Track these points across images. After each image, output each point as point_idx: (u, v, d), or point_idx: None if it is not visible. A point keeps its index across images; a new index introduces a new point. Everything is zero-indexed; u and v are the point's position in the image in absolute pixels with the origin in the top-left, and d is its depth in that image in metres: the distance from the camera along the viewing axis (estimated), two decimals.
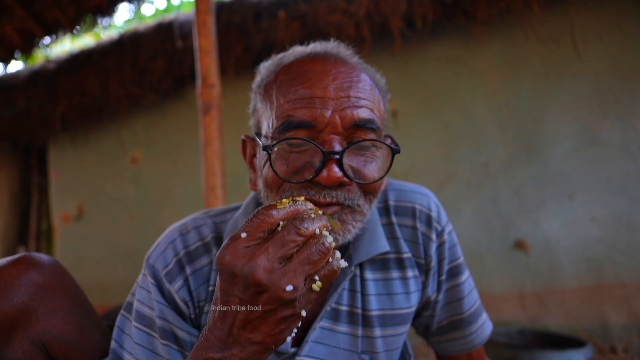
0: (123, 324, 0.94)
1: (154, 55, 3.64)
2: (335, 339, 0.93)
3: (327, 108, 0.79)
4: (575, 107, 2.90)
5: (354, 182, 0.81)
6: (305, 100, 0.80)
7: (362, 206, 0.84)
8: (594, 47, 2.87)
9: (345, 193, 0.80)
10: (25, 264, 0.91)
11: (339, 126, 0.79)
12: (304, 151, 0.81)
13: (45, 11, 3.78)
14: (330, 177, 0.76)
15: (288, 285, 0.60)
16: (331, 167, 0.76)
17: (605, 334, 2.70)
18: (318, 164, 0.78)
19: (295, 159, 0.81)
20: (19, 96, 4.22)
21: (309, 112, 0.79)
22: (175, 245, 0.94)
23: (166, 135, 4.05)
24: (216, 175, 2.14)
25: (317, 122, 0.78)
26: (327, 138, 0.78)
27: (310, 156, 0.80)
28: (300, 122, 0.79)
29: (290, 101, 0.81)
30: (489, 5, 2.81)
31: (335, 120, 0.79)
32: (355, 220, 0.84)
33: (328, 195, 0.79)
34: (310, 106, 0.79)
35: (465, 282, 1.05)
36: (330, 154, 0.76)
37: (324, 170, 0.76)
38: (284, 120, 0.80)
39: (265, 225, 0.63)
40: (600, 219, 2.80)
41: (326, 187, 0.79)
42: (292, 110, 0.80)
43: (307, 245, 0.62)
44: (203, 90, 2.19)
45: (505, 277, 2.96)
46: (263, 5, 3.24)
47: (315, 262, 0.62)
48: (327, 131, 0.79)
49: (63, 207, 4.47)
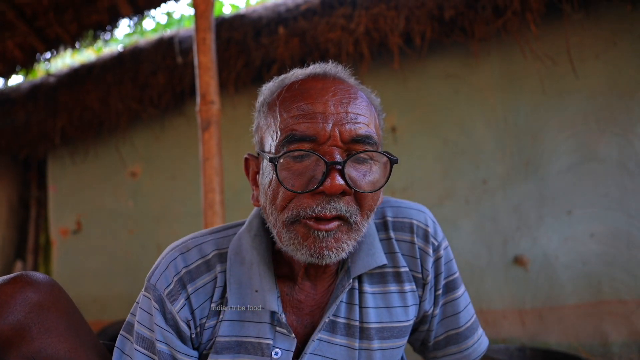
0: (123, 345, 0.95)
1: (154, 70, 3.67)
2: (332, 351, 0.95)
3: (327, 122, 0.83)
4: (572, 124, 2.92)
5: (351, 195, 0.84)
6: (308, 115, 0.83)
7: (360, 223, 0.87)
8: (591, 64, 2.91)
9: (346, 205, 0.83)
10: (22, 282, 0.92)
11: (339, 139, 0.83)
12: (306, 166, 0.84)
13: (47, 27, 3.84)
14: (333, 186, 0.79)
15: None
16: (334, 176, 0.79)
17: (606, 351, 2.68)
18: (321, 176, 0.80)
19: (299, 172, 0.84)
20: (19, 110, 4.24)
21: (312, 127, 0.82)
22: (176, 264, 0.95)
23: (166, 150, 4.06)
24: (215, 191, 2.14)
25: (319, 136, 0.82)
26: (328, 150, 0.82)
27: (312, 170, 0.83)
28: (303, 135, 0.82)
29: (293, 116, 0.84)
30: (486, 23, 2.85)
31: (336, 133, 0.83)
32: (350, 239, 0.86)
33: (333, 209, 0.81)
34: (312, 121, 0.83)
35: (461, 297, 1.08)
36: (333, 164, 0.80)
37: (328, 180, 0.79)
38: (288, 134, 0.83)
39: None
40: (599, 235, 2.80)
41: (330, 198, 0.81)
42: (296, 124, 0.83)
43: None
44: (202, 107, 2.21)
45: (505, 293, 2.95)
46: (263, 22, 3.28)
47: None
48: (328, 144, 0.82)
49: (61, 221, 4.45)
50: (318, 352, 0.94)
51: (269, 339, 0.92)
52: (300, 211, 0.82)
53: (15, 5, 3.69)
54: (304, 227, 0.83)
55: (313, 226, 0.82)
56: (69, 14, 3.72)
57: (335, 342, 0.95)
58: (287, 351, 0.92)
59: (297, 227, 0.84)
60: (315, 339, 0.94)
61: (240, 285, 0.95)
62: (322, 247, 0.82)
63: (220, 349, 0.92)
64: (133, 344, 0.93)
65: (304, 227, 0.83)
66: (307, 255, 0.83)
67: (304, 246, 0.83)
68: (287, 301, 0.97)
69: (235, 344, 0.93)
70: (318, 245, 0.82)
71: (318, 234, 0.82)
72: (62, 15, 3.74)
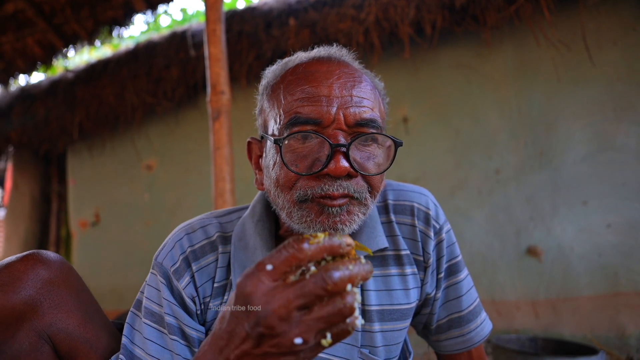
0: (133, 321, 0.98)
1: (168, 64, 3.73)
2: None
3: (332, 105, 0.83)
4: (588, 113, 2.86)
5: (359, 175, 0.85)
6: (312, 98, 0.84)
7: (368, 199, 0.87)
8: (608, 51, 2.84)
9: (354, 185, 0.83)
10: (33, 260, 0.95)
11: (343, 123, 0.83)
12: (311, 147, 0.84)
13: (64, 24, 3.93)
14: (338, 168, 0.79)
15: (298, 337, 0.57)
16: (339, 159, 0.79)
17: (622, 344, 2.63)
18: (325, 158, 0.81)
19: (303, 154, 0.84)
20: (39, 106, 4.35)
21: (316, 110, 0.83)
22: (182, 244, 0.98)
23: (180, 143, 4.12)
24: (225, 180, 2.17)
25: (323, 119, 0.82)
26: (333, 133, 0.82)
27: (317, 152, 0.83)
28: (308, 118, 0.83)
29: (297, 99, 0.85)
30: (498, 10, 2.80)
31: (340, 117, 0.83)
32: (360, 212, 0.87)
33: (340, 187, 0.81)
34: (316, 104, 0.83)
35: (464, 280, 1.07)
36: (338, 146, 0.80)
37: (332, 162, 0.79)
38: (292, 116, 0.84)
39: (293, 261, 0.58)
40: (616, 225, 2.74)
41: (336, 179, 0.82)
42: (300, 107, 0.84)
43: (331, 301, 0.57)
44: (213, 97, 2.23)
45: (518, 284, 2.91)
46: (273, 14, 3.30)
47: (334, 321, 0.58)
48: (332, 127, 0.83)
49: (81, 214, 4.57)
50: None
51: None
52: (308, 190, 0.83)
53: (34, 3, 3.79)
54: (317, 205, 0.83)
55: (327, 203, 0.82)
56: (86, 11, 3.81)
57: None
58: None
59: (309, 205, 0.84)
60: None
61: (244, 270, 0.97)
62: (335, 222, 0.83)
63: None
64: (142, 319, 0.96)
65: (317, 205, 0.83)
66: (321, 230, 0.83)
67: (317, 222, 0.83)
68: None
69: None
70: (332, 220, 0.83)
71: (332, 210, 0.82)
72: (79, 11, 3.84)
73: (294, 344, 0.57)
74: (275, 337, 0.58)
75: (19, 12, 3.88)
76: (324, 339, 0.59)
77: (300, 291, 0.57)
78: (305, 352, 0.60)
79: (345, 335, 0.60)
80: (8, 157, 5.11)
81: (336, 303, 0.57)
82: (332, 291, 0.57)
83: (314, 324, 0.57)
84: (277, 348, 0.58)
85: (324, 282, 0.57)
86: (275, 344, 0.58)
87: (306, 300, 0.57)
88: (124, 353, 0.94)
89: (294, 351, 0.59)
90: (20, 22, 3.97)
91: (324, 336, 0.59)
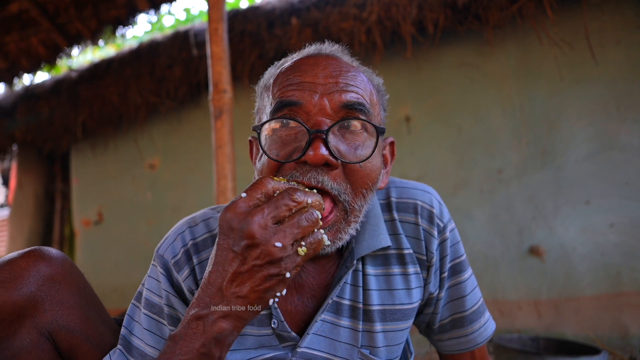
0: (133, 312, 0.98)
1: (170, 63, 3.74)
2: (336, 333, 0.94)
3: (315, 91, 0.83)
4: (591, 111, 2.85)
5: (340, 169, 0.82)
6: (296, 84, 0.84)
7: (352, 202, 0.84)
8: (611, 50, 2.82)
9: (332, 180, 0.81)
10: (35, 256, 0.95)
11: (327, 108, 0.82)
12: (294, 134, 0.83)
13: (68, 23, 3.94)
14: (316, 156, 0.77)
15: (277, 242, 0.68)
16: (317, 146, 0.77)
17: (625, 344, 2.62)
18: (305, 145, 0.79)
19: (286, 142, 0.84)
20: (43, 105, 4.38)
21: (298, 94, 0.83)
22: (183, 237, 0.98)
23: (183, 142, 4.14)
24: (227, 178, 2.18)
25: (305, 102, 0.82)
26: (316, 120, 0.81)
27: (299, 140, 0.83)
28: (290, 101, 0.83)
29: (283, 87, 0.86)
30: (500, 9, 2.80)
31: (324, 102, 0.82)
32: (348, 224, 0.85)
33: (313, 179, 0.80)
34: (299, 89, 0.83)
35: (467, 280, 1.05)
36: (316, 132, 0.78)
37: (310, 149, 0.77)
38: (276, 101, 0.84)
39: (263, 188, 0.72)
40: (619, 225, 2.73)
41: (313, 169, 0.80)
42: (283, 93, 0.85)
43: (299, 212, 0.71)
44: (215, 95, 2.24)
45: (520, 283, 2.91)
46: (276, 13, 3.30)
47: (304, 228, 0.70)
48: (315, 113, 0.81)
49: (84, 213, 4.59)
50: (321, 332, 0.94)
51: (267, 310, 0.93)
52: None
53: (38, 2, 3.81)
54: None
55: None
56: (89, 10, 3.83)
57: (341, 324, 0.95)
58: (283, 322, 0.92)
59: None
60: (319, 320, 0.93)
61: None
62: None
63: None
64: (142, 310, 0.96)
65: None
66: None
67: None
68: None
69: None
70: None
71: None
72: (83, 11, 3.85)
73: (274, 248, 0.68)
74: (257, 246, 0.68)
75: (23, 12, 3.90)
76: (300, 248, 0.71)
77: (271, 205, 0.70)
78: (286, 261, 0.70)
79: (318, 245, 0.73)
80: (12, 156, 5.14)
81: (303, 213, 0.71)
82: (297, 201, 0.71)
83: (288, 230, 0.69)
84: (261, 259, 0.69)
85: (289, 196, 0.71)
86: (258, 254, 0.69)
87: (278, 212, 0.70)
88: (122, 343, 0.94)
89: (276, 259, 0.69)
90: (24, 21, 3.99)
91: (300, 245, 0.71)
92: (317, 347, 0.93)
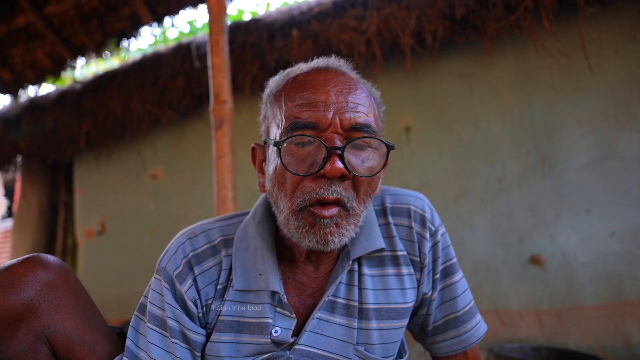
0: (137, 324, 1.02)
1: (173, 75, 3.79)
2: (331, 330, 0.99)
3: (329, 110, 0.88)
4: (590, 120, 2.86)
5: (349, 181, 0.90)
6: (311, 104, 0.89)
7: (356, 208, 0.92)
8: (609, 59, 2.85)
9: (344, 190, 0.88)
10: (33, 262, 0.98)
11: (339, 127, 0.88)
12: (309, 151, 0.89)
13: (73, 36, 4.01)
14: (333, 169, 0.84)
15: None
16: (334, 160, 0.84)
17: (628, 354, 2.59)
18: (321, 161, 0.86)
19: (302, 157, 0.89)
20: (48, 116, 4.43)
21: (314, 114, 0.88)
22: (184, 248, 1.02)
23: (185, 153, 4.17)
24: (227, 188, 2.19)
25: (320, 123, 0.87)
26: (329, 136, 0.87)
27: (314, 155, 0.88)
28: (306, 123, 0.88)
29: (297, 105, 0.90)
30: (498, 20, 2.83)
31: (336, 121, 0.88)
32: (349, 224, 0.91)
33: (334, 192, 0.87)
34: (314, 109, 0.88)
35: (459, 282, 1.10)
36: (333, 149, 0.85)
37: (328, 164, 0.84)
38: (292, 121, 0.89)
39: None
40: (620, 233, 2.72)
41: (331, 182, 0.87)
42: (299, 112, 0.89)
43: None
44: (215, 106, 2.27)
45: (521, 293, 2.89)
46: (277, 25, 3.35)
47: None
48: (329, 131, 0.88)
49: (87, 223, 4.61)
50: (317, 330, 0.99)
51: (269, 319, 0.97)
52: (305, 196, 0.87)
53: (44, 16, 3.89)
54: (311, 215, 0.88)
55: (318, 213, 0.87)
56: (94, 23, 3.90)
57: (334, 322, 0.99)
58: (287, 329, 0.97)
59: (304, 215, 0.89)
60: (315, 317, 0.98)
61: (245, 270, 1.01)
62: (326, 234, 0.88)
63: (223, 327, 0.98)
64: (146, 323, 0.99)
65: (311, 216, 0.88)
66: (314, 242, 0.89)
67: (310, 234, 0.89)
68: (289, 283, 1.03)
69: (237, 323, 0.98)
70: (322, 231, 0.88)
71: (322, 221, 0.88)
72: (87, 24, 3.92)
73: None
74: None
75: (29, 25, 3.98)
76: None
77: None
78: None
79: None
80: (17, 166, 5.19)
81: None
82: None
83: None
84: None
85: None
86: None
87: None
88: (128, 355, 0.97)
89: None
90: (30, 34, 4.07)
91: None
92: (313, 344, 0.98)
